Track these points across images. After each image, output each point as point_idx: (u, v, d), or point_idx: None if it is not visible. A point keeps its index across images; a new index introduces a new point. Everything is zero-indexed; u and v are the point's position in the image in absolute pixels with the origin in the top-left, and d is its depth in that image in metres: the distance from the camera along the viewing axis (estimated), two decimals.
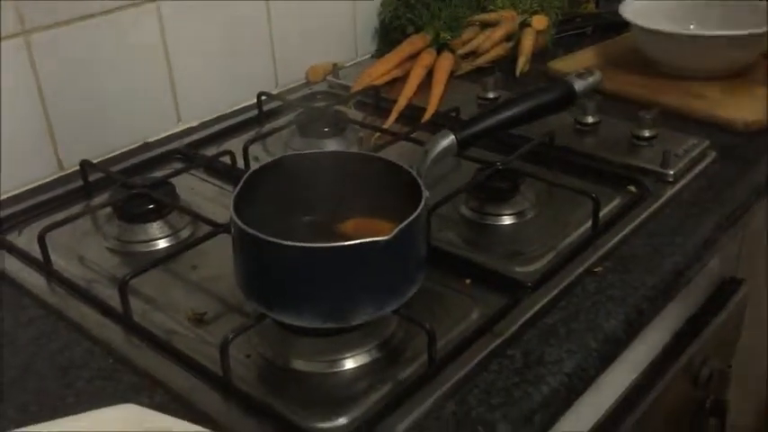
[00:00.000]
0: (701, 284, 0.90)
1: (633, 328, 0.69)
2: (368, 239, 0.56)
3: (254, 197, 0.64)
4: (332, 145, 0.96)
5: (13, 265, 0.76)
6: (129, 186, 0.83)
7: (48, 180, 0.91)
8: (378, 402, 0.59)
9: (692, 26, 1.13)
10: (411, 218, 0.59)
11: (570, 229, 0.79)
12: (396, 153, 0.89)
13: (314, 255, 0.56)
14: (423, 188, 0.62)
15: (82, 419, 0.48)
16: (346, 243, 0.56)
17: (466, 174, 0.85)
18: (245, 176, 0.65)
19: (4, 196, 0.87)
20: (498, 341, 0.64)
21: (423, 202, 0.61)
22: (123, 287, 0.67)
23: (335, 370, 0.63)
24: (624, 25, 1.14)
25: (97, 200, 0.87)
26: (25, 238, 0.80)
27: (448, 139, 0.68)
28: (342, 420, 0.58)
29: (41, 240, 0.74)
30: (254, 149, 0.92)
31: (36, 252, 0.75)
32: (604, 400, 0.76)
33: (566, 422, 0.65)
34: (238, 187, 0.63)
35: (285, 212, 0.68)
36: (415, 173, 0.65)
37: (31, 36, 0.86)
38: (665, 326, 0.84)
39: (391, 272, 0.59)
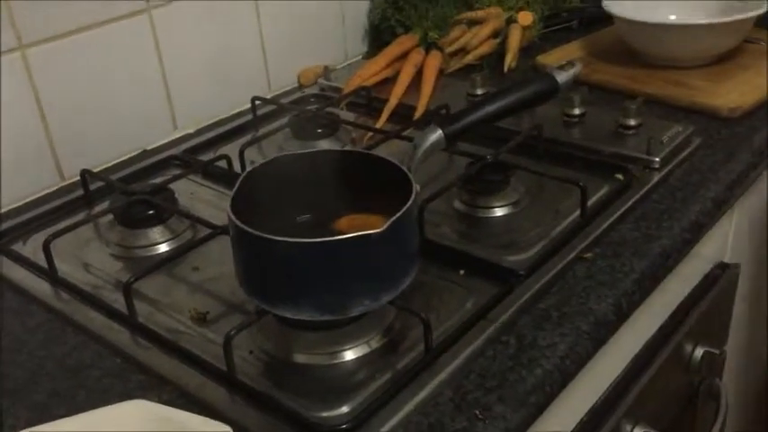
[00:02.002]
0: (692, 270, 0.92)
1: (623, 311, 0.71)
2: (361, 233, 0.58)
3: (251, 198, 0.66)
4: (325, 146, 0.98)
5: (19, 274, 0.78)
6: (130, 193, 0.85)
7: (50, 191, 0.93)
8: (377, 390, 0.61)
9: (672, 17, 1.15)
10: (402, 211, 0.61)
11: (560, 218, 0.81)
12: (388, 151, 0.91)
13: (309, 250, 0.58)
14: (413, 182, 0.65)
15: (95, 415, 0.50)
16: (340, 237, 0.58)
17: (457, 170, 0.87)
18: (240, 178, 0.67)
19: (8, 208, 0.90)
20: (492, 328, 0.66)
21: (413, 196, 0.63)
22: (127, 289, 0.69)
23: (336, 362, 0.65)
24: (609, 18, 1.17)
25: (98, 208, 0.89)
26: (30, 248, 0.82)
27: (436, 134, 0.71)
28: (344, 409, 0.60)
29: (46, 248, 0.76)
30: (250, 153, 0.95)
31: (41, 260, 0.77)
32: (598, 385, 0.78)
33: (561, 405, 0.67)
34: (235, 188, 0.65)
35: (281, 212, 0.70)
36: (405, 168, 0.67)
37: (28, 50, 0.88)
38: (657, 312, 0.86)
39: (385, 264, 0.61)
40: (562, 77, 0.77)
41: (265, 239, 0.58)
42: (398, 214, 0.60)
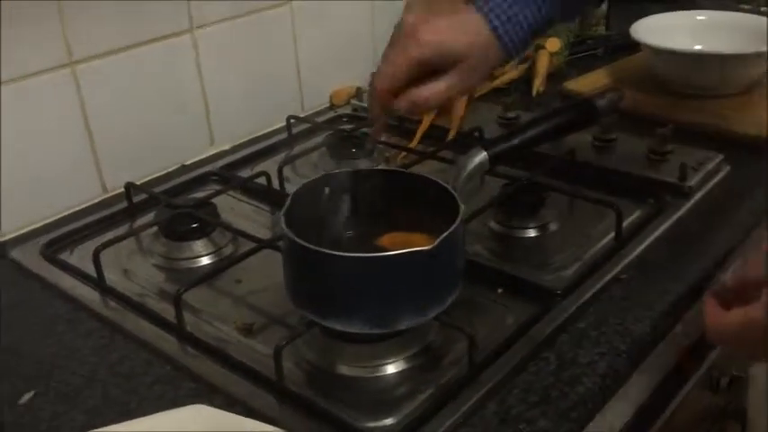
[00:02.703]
0: None
1: (659, 332, 0.73)
2: (413, 249, 0.60)
3: (299, 214, 0.68)
4: (360, 165, 1.00)
5: (68, 282, 0.80)
6: (174, 206, 0.87)
7: (92, 202, 0.96)
8: (423, 403, 0.62)
9: (698, 46, 1.17)
10: (451, 229, 0.62)
11: (594, 240, 0.83)
12: (423, 171, 0.93)
13: (364, 264, 0.60)
14: (459, 202, 0.67)
15: (158, 419, 0.52)
16: (394, 253, 0.60)
17: (490, 192, 0.89)
18: (292, 194, 0.69)
19: (54, 218, 0.92)
20: (533, 345, 0.68)
21: (461, 215, 0.65)
22: (178, 300, 0.71)
23: (379, 374, 0.66)
24: (633, 46, 1.19)
25: (141, 220, 0.92)
26: (77, 257, 0.85)
27: (481, 156, 0.72)
28: (389, 420, 0.61)
29: (96, 258, 0.78)
30: (285, 170, 0.97)
31: (89, 269, 0.79)
32: (629, 406, 0.79)
33: (596, 424, 0.68)
34: (286, 205, 0.67)
35: (327, 228, 0.72)
36: (450, 188, 0.69)
37: (78, 66, 0.91)
38: (687, 334, 0.87)
39: (433, 280, 0.63)
40: (601, 104, 0.79)
41: (324, 254, 0.60)
42: (448, 232, 0.62)
